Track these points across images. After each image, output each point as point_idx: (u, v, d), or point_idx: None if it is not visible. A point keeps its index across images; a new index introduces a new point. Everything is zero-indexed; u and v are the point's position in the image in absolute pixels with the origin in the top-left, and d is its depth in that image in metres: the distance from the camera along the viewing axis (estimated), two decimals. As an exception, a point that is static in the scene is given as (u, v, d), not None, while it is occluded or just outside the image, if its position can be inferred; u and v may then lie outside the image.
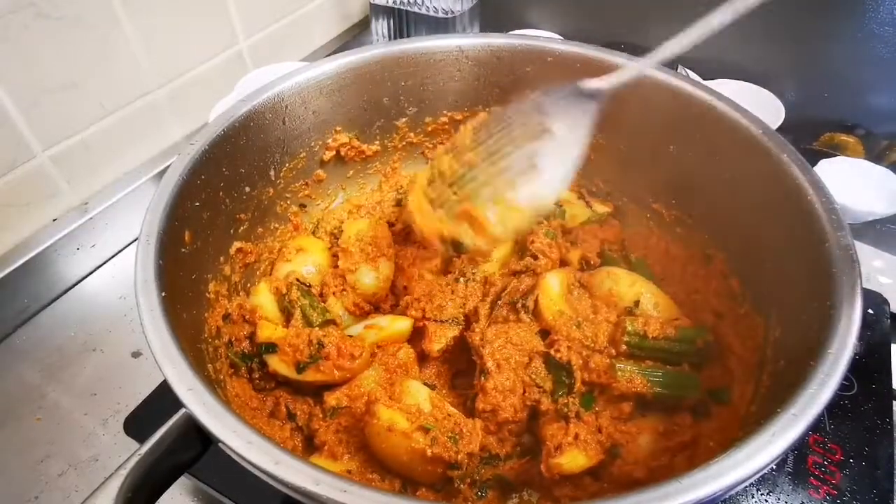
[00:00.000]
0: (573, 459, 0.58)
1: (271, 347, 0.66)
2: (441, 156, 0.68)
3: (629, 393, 0.62)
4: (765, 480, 0.65)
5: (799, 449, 0.68)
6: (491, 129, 0.65)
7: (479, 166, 0.61)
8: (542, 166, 0.58)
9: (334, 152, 0.83)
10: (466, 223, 0.59)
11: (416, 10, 1.22)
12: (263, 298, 0.71)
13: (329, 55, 0.81)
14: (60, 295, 0.92)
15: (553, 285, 0.71)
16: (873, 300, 0.82)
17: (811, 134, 1.15)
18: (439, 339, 0.67)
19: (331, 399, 0.63)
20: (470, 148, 0.64)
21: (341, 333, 0.68)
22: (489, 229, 0.58)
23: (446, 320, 0.70)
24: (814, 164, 0.75)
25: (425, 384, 0.64)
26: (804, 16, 1.09)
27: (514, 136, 0.61)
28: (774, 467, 0.65)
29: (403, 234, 0.82)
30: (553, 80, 0.81)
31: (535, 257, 0.76)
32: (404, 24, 1.25)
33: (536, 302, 0.69)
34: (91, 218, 0.93)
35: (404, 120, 0.87)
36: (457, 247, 0.60)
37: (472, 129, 0.67)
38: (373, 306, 0.75)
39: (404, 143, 0.89)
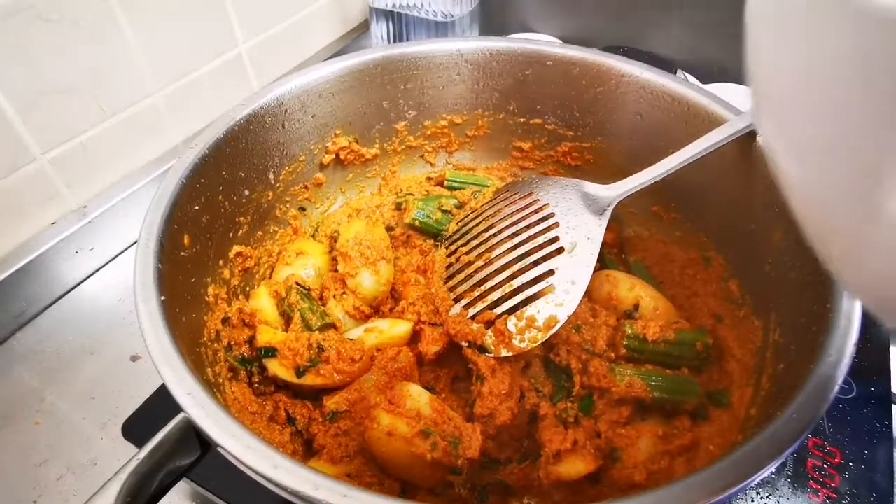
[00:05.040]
0: (572, 466, 0.58)
1: (271, 351, 0.66)
2: (455, 238, 0.76)
3: (628, 397, 0.62)
4: (764, 484, 0.65)
5: (798, 452, 0.68)
6: (504, 221, 0.72)
7: (497, 267, 0.68)
8: (559, 287, 0.65)
9: (334, 156, 0.83)
10: (489, 330, 0.65)
11: (415, 13, 1.22)
12: (263, 302, 0.71)
13: (328, 58, 0.81)
14: (59, 298, 0.92)
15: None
16: (872, 303, 0.82)
17: (809, 137, 1.16)
18: (435, 342, 0.67)
19: (330, 403, 0.63)
20: (486, 242, 0.72)
21: (341, 337, 0.68)
22: (509, 339, 0.64)
23: (442, 324, 0.70)
24: (812, 167, 0.75)
25: (425, 387, 0.64)
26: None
27: (531, 248, 0.68)
28: (774, 470, 0.65)
29: (403, 239, 0.83)
30: (552, 86, 0.82)
31: None
32: (403, 27, 1.25)
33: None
34: (90, 221, 0.93)
35: (404, 123, 0.87)
36: (479, 348, 0.65)
37: (486, 216, 0.76)
38: (373, 309, 0.75)
39: (404, 146, 0.89)
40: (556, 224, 0.69)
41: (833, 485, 0.65)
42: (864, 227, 0.25)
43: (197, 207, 0.64)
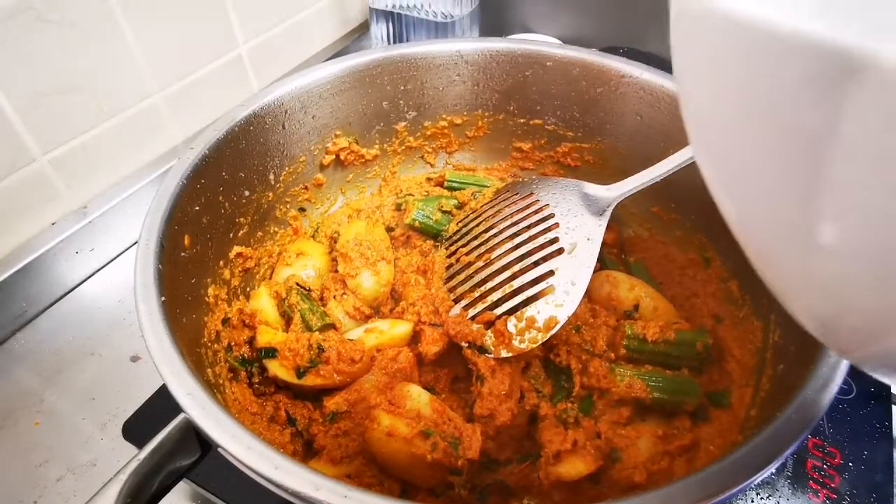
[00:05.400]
0: (572, 467, 0.58)
1: (271, 352, 0.66)
2: (455, 239, 0.75)
3: (628, 397, 0.62)
4: (764, 484, 0.65)
5: (798, 453, 0.68)
6: (504, 222, 0.72)
7: (497, 267, 0.68)
8: (559, 288, 0.64)
9: (334, 156, 0.83)
10: (489, 330, 0.65)
11: (415, 14, 1.22)
12: (263, 303, 0.71)
13: (328, 59, 0.81)
14: (59, 299, 0.92)
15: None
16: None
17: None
18: (435, 342, 0.67)
19: (330, 404, 0.63)
20: (486, 242, 0.71)
21: (341, 337, 0.68)
22: (509, 340, 0.64)
23: (442, 324, 0.70)
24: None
25: (425, 388, 0.64)
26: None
27: (530, 248, 0.68)
28: (774, 471, 0.65)
29: (403, 239, 0.83)
30: (552, 86, 0.82)
31: None
32: (403, 28, 1.26)
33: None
34: (90, 221, 0.93)
35: (403, 124, 0.87)
36: (479, 349, 0.65)
37: (486, 216, 0.75)
38: (373, 310, 0.75)
39: (404, 147, 0.89)
40: (556, 225, 0.69)
41: (833, 485, 0.65)
42: (797, 261, 0.25)
43: (197, 208, 0.64)
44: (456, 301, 0.69)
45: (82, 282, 0.95)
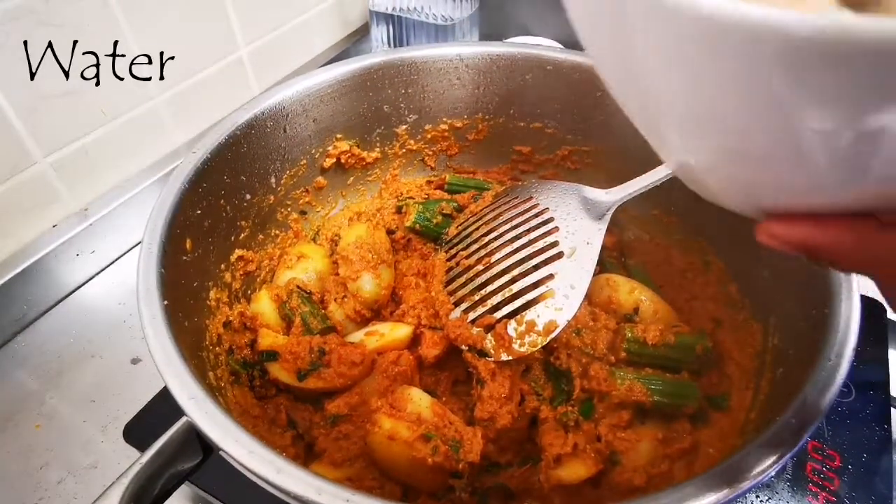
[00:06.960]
0: (572, 470, 0.58)
1: (272, 355, 0.66)
2: (455, 242, 0.75)
3: (628, 400, 0.62)
4: (764, 487, 0.66)
5: (798, 455, 0.68)
6: (504, 225, 0.72)
7: (497, 271, 0.68)
8: (559, 292, 0.65)
9: (335, 160, 0.83)
10: (489, 334, 0.65)
11: (415, 17, 1.23)
12: (264, 306, 0.71)
13: (329, 62, 0.81)
14: (60, 301, 0.92)
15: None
16: (871, 307, 0.83)
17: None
18: (436, 345, 0.68)
19: (331, 407, 0.63)
20: (486, 246, 0.71)
21: (342, 340, 0.68)
22: (509, 343, 0.64)
23: (442, 327, 0.70)
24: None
25: (426, 391, 0.64)
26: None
27: (530, 252, 0.68)
28: (773, 474, 0.65)
29: (403, 242, 0.83)
30: (553, 90, 0.83)
31: None
32: (403, 30, 1.26)
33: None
34: (91, 224, 0.93)
35: (404, 127, 0.87)
36: (479, 352, 0.65)
37: (485, 221, 0.75)
38: (374, 313, 0.75)
39: (404, 150, 0.90)
40: (556, 228, 0.69)
41: (832, 488, 0.65)
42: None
43: (199, 212, 0.64)
44: (456, 304, 0.69)
45: (83, 284, 0.95)
